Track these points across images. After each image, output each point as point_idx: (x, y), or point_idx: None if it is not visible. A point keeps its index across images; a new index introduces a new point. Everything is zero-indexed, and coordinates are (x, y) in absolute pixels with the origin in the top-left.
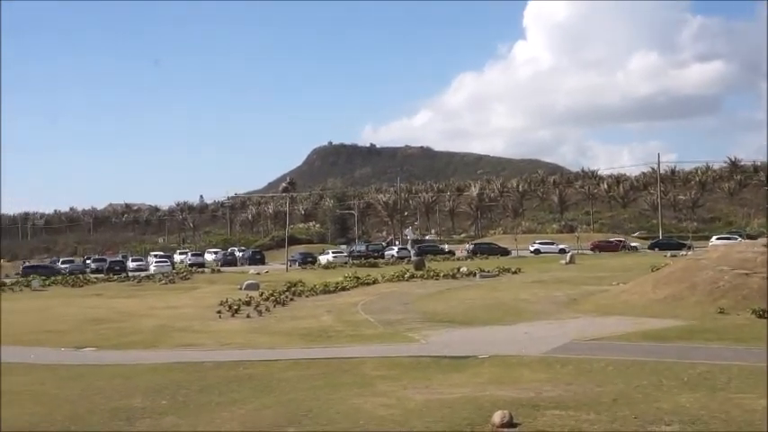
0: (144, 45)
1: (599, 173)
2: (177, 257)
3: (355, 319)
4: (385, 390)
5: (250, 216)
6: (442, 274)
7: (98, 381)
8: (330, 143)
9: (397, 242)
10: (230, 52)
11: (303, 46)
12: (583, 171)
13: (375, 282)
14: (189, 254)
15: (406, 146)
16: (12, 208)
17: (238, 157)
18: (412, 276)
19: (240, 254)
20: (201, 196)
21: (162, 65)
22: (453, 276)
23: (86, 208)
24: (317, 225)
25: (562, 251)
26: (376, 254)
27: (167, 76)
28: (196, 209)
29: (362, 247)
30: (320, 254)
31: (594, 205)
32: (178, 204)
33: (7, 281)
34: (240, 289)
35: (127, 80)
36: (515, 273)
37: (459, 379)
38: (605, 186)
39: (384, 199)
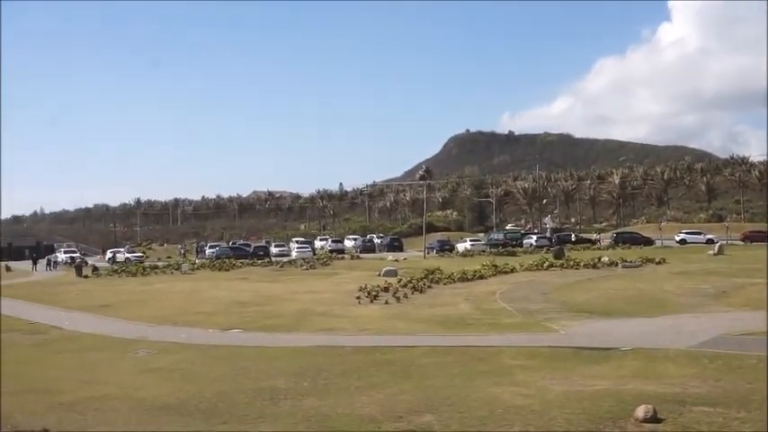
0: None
1: (750, 159)
2: (318, 243)
3: (493, 307)
4: (523, 379)
5: (388, 203)
6: (582, 264)
7: (244, 361)
8: (467, 131)
9: (535, 230)
10: (369, 41)
11: (441, 34)
12: (732, 158)
13: (513, 270)
14: (329, 240)
15: (546, 133)
16: (163, 195)
17: (377, 145)
18: (551, 266)
19: (379, 241)
20: (341, 184)
21: (313, 54)
22: (594, 266)
23: (232, 195)
24: (455, 213)
25: (710, 241)
26: (514, 242)
27: (310, 68)
28: (336, 196)
29: (500, 236)
30: (458, 242)
31: (745, 194)
32: (319, 192)
33: (159, 264)
34: (379, 275)
35: (266, 74)
36: (659, 263)
37: (600, 371)
38: (757, 174)
39: (522, 186)
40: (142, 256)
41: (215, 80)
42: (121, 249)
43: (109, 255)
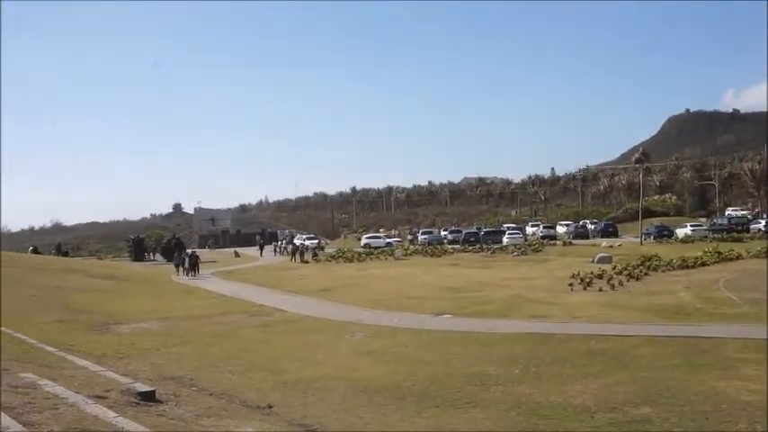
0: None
1: None
2: (529, 230)
3: (716, 296)
4: (750, 374)
5: (602, 188)
6: None
7: (455, 346)
8: (687, 110)
9: (764, 215)
10: (583, 19)
11: (659, 7)
12: None
13: (739, 257)
14: (540, 226)
15: None
16: (378, 183)
17: (590, 128)
18: None
19: (592, 226)
20: (553, 169)
21: (522, 36)
22: None
23: (443, 182)
24: (674, 197)
25: None
26: (740, 228)
27: (515, 52)
28: (547, 181)
29: (725, 221)
30: (677, 227)
31: None
32: (530, 177)
33: (373, 250)
34: (592, 262)
35: (470, 60)
36: None
37: None
38: None
39: (750, 168)
40: (321, 243)
41: (422, 69)
42: (303, 236)
43: (297, 241)
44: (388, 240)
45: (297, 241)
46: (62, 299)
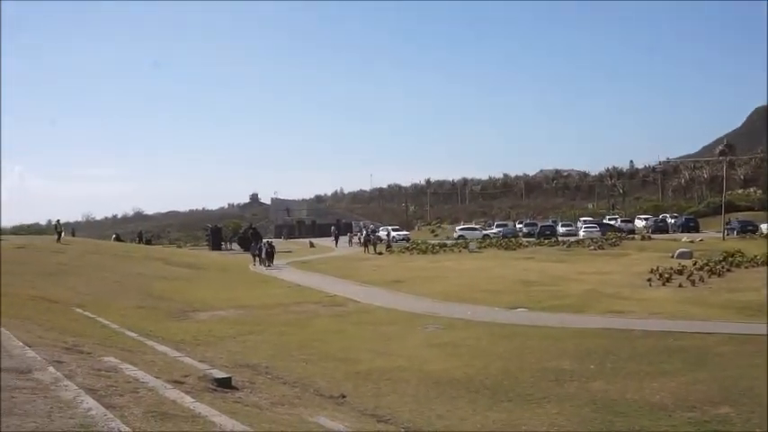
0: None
1: None
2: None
3: None
4: None
5: (683, 181)
6: None
7: (529, 340)
8: None
9: None
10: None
11: None
12: None
13: None
14: (618, 220)
15: None
16: (453, 174)
17: (671, 119)
18: None
19: (672, 221)
20: (632, 162)
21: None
22: None
23: (519, 174)
24: (759, 191)
25: None
26: None
27: (598, 40)
28: (626, 174)
29: None
30: (763, 222)
31: None
32: (608, 170)
33: (448, 242)
34: (672, 257)
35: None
36: None
37: None
38: None
39: None
40: (408, 235)
41: (503, 57)
42: (389, 229)
43: (380, 233)
44: (485, 232)
45: (382, 233)
46: (143, 286)
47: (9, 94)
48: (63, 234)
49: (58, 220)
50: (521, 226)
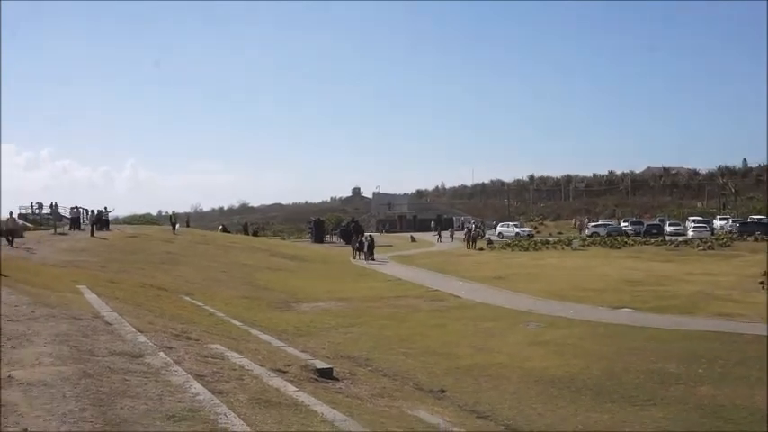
0: None
1: None
2: (717, 223)
3: None
4: None
5: None
6: None
7: (633, 341)
8: None
9: None
10: None
11: None
12: None
13: None
14: (729, 220)
15: None
16: (556, 171)
17: None
18: None
19: None
20: (745, 160)
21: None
22: None
23: (625, 171)
24: None
25: None
26: None
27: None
28: (738, 173)
29: None
30: None
31: None
32: (719, 168)
33: (551, 239)
34: None
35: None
36: None
37: None
38: None
39: None
40: (532, 232)
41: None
42: (512, 224)
43: (499, 229)
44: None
45: (500, 228)
46: (247, 276)
47: (123, 87)
48: (178, 225)
49: (173, 212)
50: (626, 224)
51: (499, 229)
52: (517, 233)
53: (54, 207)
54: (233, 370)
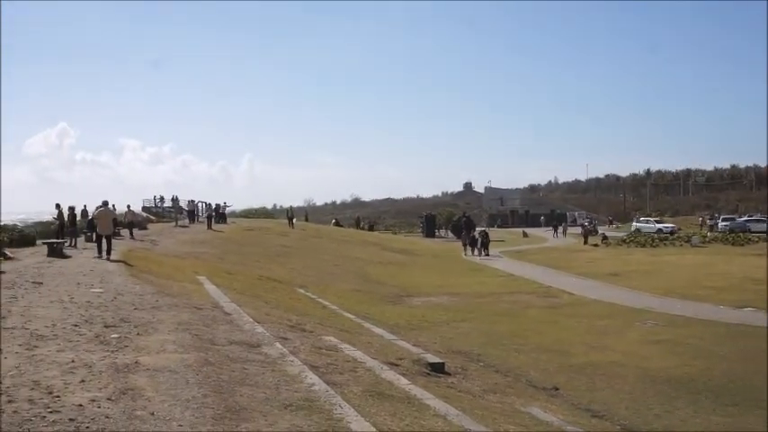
0: None
1: None
2: None
3: None
4: None
5: None
6: None
7: (759, 342)
8: None
9: None
10: None
11: None
12: None
13: None
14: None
15: None
16: (673, 164)
17: None
18: None
19: None
20: None
21: None
22: None
23: (749, 165)
24: None
25: None
26: None
27: None
28: None
29: None
30: None
31: None
32: None
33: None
34: None
35: None
36: None
37: None
38: None
39: None
40: (675, 228)
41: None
42: (652, 219)
43: (637, 224)
44: None
45: (638, 223)
46: (359, 269)
47: (240, 84)
48: (295, 219)
49: (290, 206)
50: (750, 220)
51: (637, 224)
52: (659, 229)
53: (175, 200)
54: (346, 362)
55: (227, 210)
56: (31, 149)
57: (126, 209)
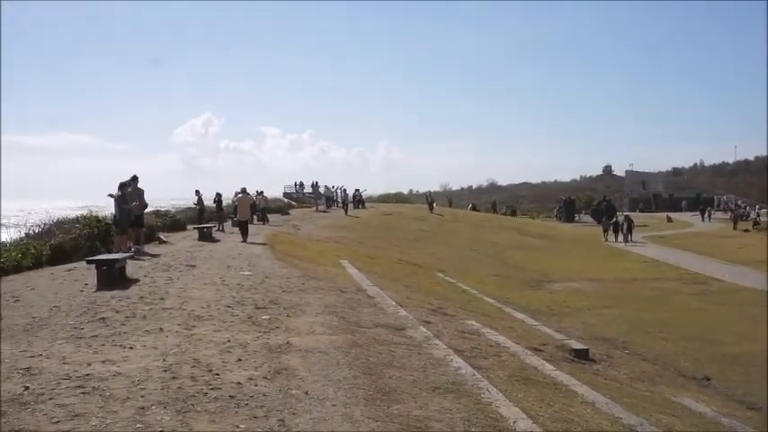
0: None
1: None
2: None
3: None
4: None
5: None
6: None
7: None
8: None
9: None
10: None
11: None
12: None
13: None
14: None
15: None
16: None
17: None
18: None
19: None
20: None
21: None
22: None
23: None
24: None
25: None
26: None
27: None
28: None
29: None
30: None
31: None
32: None
33: None
34: None
35: None
36: None
37: None
38: None
39: None
40: None
41: None
42: None
43: None
44: None
45: None
46: (498, 254)
47: (376, 73)
48: (435, 204)
49: (430, 191)
50: None
51: None
52: None
53: (315, 186)
54: (490, 346)
55: (363, 195)
56: (179, 138)
57: (256, 194)
